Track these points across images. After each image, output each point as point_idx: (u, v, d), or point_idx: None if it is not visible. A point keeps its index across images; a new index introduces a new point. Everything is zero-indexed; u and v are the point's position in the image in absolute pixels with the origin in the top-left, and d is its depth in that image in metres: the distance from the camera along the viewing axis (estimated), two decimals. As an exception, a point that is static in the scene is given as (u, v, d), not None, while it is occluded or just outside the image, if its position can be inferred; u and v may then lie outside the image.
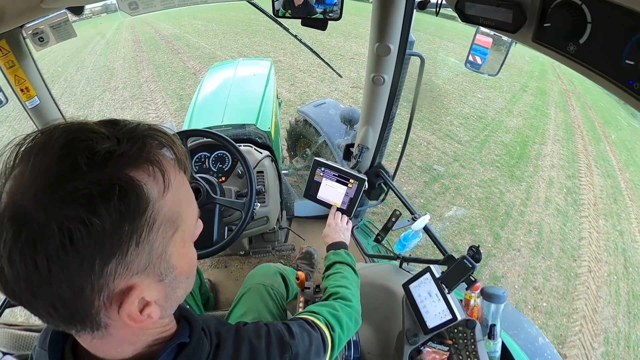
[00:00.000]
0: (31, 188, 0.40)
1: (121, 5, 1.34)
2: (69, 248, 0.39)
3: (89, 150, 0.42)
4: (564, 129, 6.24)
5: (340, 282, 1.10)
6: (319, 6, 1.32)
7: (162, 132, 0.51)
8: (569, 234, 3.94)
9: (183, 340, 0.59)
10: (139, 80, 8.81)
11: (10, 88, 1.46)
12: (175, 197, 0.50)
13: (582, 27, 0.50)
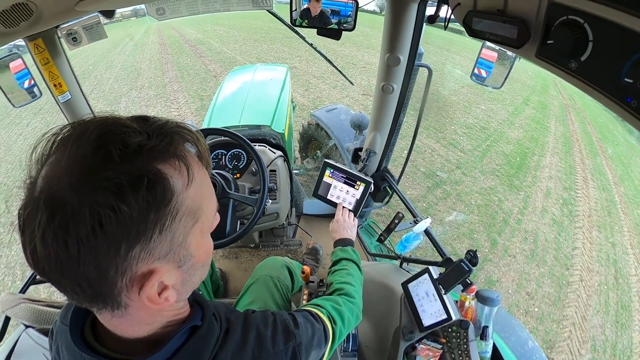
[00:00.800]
0: (66, 175, 0.41)
1: (149, 11, 1.36)
2: (98, 232, 0.40)
3: (122, 143, 0.42)
4: (562, 142, 6.16)
5: (346, 279, 1.09)
6: (334, 17, 1.33)
7: (188, 130, 0.52)
8: (563, 244, 3.90)
9: (195, 323, 0.59)
10: (163, 80, 8.91)
11: (44, 83, 1.48)
12: (197, 191, 0.50)
13: (583, 45, 0.49)
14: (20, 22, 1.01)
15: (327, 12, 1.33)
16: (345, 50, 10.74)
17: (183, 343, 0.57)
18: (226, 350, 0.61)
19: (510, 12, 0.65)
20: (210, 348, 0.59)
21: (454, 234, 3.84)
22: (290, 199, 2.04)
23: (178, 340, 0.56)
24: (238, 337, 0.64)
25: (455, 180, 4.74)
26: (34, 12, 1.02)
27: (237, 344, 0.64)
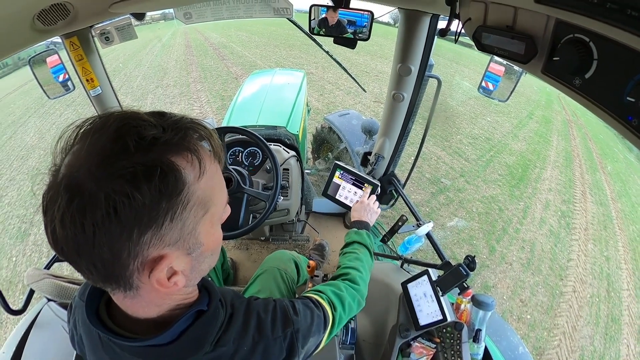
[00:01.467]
0: (86, 163, 0.43)
1: (177, 15, 1.38)
2: (112, 217, 0.41)
3: (138, 135, 0.44)
4: (564, 157, 6.03)
5: (354, 264, 1.05)
6: (350, 27, 1.33)
7: (202, 126, 0.52)
8: (559, 255, 3.82)
9: (202, 308, 0.60)
10: (187, 80, 9.00)
11: (77, 78, 1.51)
12: (208, 183, 0.51)
13: (588, 63, 0.49)
14: (57, 20, 1.04)
15: (343, 22, 1.34)
16: (360, 59, 10.70)
17: (189, 326, 0.57)
18: (229, 335, 0.62)
19: (518, 28, 0.65)
20: (214, 332, 0.60)
21: (454, 239, 3.80)
22: (300, 196, 2.05)
23: (184, 323, 0.56)
24: (240, 323, 0.65)
25: (459, 187, 4.69)
26: (70, 12, 1.04)
27: (239, 329, 0.64)
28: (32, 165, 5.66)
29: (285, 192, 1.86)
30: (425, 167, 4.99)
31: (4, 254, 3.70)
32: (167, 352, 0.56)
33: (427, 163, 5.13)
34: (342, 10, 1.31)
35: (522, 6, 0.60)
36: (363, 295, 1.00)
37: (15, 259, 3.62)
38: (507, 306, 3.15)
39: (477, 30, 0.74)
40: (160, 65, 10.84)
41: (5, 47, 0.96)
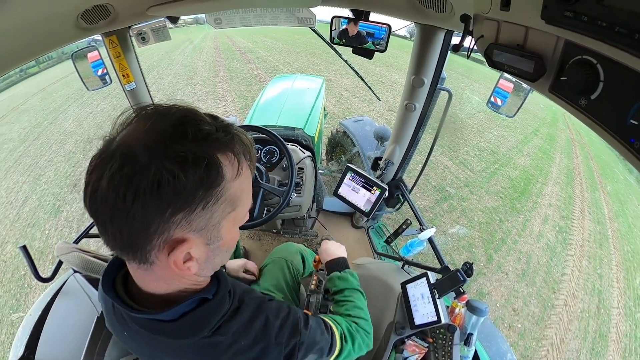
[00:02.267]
0: (144, 138, 0.45)
1: (208, 20, 1.40)
2: (155, 190, 0.43)
3: (197, 127, 0.47)
4: (565, 174, 5.87)
5: (356, 313, 0.96)
6: (368, 38, 1.33)
7: (246, 137, 0.55)
8: (554, 268, 3.73)
9: (206, 296, 0.60)
10: (215, 80, 9.12)
11: (114, 73, 1.55)
12: (241, 185, 0.53)
13: (594, 85, 0.47)
14: (99, 20, 1.07)
15: (362, 33, 1.34)
16: (376, 69, 10.65)
17: (191, 310, 0.58)
18: (230, 326, 0.62)
19: (529, 47, 0.63)
20: (214, 320, 0.60)
21: (454, 245, 3.76)
22: (312, 194, 2.05)
23: (186, 306, 0.57)
24: (245, 318, 0.64)
25: (462, 196, 4.63)
26: (111, 13, 1.07)
27: (243, 324, 0.63)
28: (68, 149, 5.83)
29: (298, 190, 1.86)
30: (432, 175, 4.94)
31: (39, 227, 3.84)
32: (167, 329, 0.57)
33: (434, 171, 5.07)
34: (361, 22, 1.31)
35: (533, 26, 0.58)
36: (372, 339, 0.94)
37: (47, 232, 3.76)
38: (500, 314, 3.11)
39: (489, 48, 0.73)
40: (191, 65, 11.00)
41: (52, 42, 0.99)
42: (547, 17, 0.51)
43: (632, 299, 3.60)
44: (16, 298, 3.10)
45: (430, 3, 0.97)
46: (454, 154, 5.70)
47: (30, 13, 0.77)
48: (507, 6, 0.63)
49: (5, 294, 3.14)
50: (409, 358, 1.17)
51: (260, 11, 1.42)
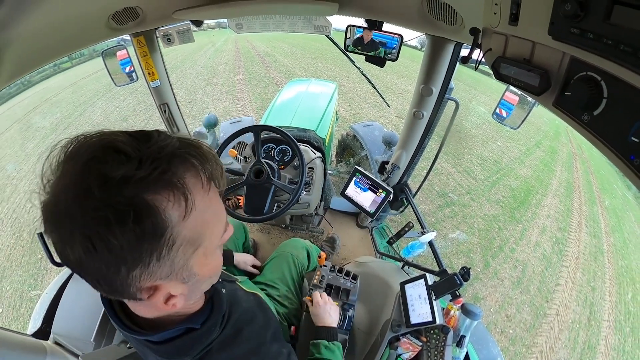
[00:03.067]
0: (62, 195, 0.38)
1: (230, 24, 1.41)
2: (93, 253, 0.37)
3: (101, 177, 0.36)
4: (565, 187, 5.72)
5: None
6: (381, 47, 1.32)
7: (194, 148, 0.43)
8: (548, 278, 3.66)
9: (193, 326, 0.56)
10: (234, 81, 9.15)
11: (141, 70, 1.57)
12: (198, 219, 0.43)
13: (598, 101, 0.46)
14: (128, 21, 1.09)
15: (375, 42, 1.33)
16: (387, 77, 10.54)
17: (177, 336, 0.55)
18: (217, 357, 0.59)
19: (535, 62, 0.62)
20: (198, 348, 0.57)
21: (453, 249, 3.72)
22: (321, 193, 2.05)
23: (171, 333, 0.54)
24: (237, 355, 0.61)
25: (464, 203, 4.57)
26: (140, 15, 1.09)
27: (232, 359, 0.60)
28: None
29: (308, 188, 1.87)
30: (435, 181, 4.89)
31: None
32: (155, 349, 0.55)
33: (438, 177, 5.02)
34: (374, 32, 1.30)
35: (540, 41, 0.57)
36: None
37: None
38: (493, 319, 3.07)
39: (497, 61, 0.71)
40: (212, 66, 11.08)
41: (84, 40, 1.01)
42: (554, 33, 0.50)
43: (622, 313, 3.52)
44: (34, 278, 3.24)
45: (442, 16, 0.96)
46: (457, 161, 5.63)
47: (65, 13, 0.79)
48: (516, 21, 0.62)
49: (24, 274, 3.29)
50: (403, 355, 1.16)
51: (279, 18, 1.43)
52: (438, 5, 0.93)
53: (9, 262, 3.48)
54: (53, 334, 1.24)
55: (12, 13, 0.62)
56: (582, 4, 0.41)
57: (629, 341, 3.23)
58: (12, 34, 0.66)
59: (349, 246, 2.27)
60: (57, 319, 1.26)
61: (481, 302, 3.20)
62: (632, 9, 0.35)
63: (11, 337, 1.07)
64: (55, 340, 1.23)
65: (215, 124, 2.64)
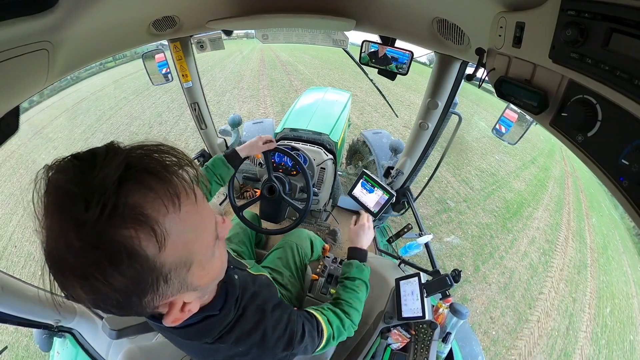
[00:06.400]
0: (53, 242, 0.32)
1: (257, 35, 1.42)
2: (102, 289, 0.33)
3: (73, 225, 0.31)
4: (556, 202, 5.54)
5: (355, 304, 0.91)
6: (393, 62, 1.30)
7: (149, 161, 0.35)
8: (533, 286, 3.57)
9: (212, 313, 0.55)
10: (258, 86, 9.22)
11: (175, 72, 1.60)
12: (178, 244, 0.37)
13: (592, 123, 0.44)
14: (167, 28, 1.11)
15: (388, 57, 1.31)
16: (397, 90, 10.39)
17: (197, 322, 0.55)
18: (231, 335, 0.59)
19: (535, 83, 0.60)
20: (218, 330, 0.58)
21: (447, 252, 3.67)
22: (330, 192, 2.05)
23: (192, 320, 0.53)
24: (246, 329, 0.61)
25: (460, 210, 4.49)
26: (177, 23, 1.11)
27: (243, 333, 0.61)
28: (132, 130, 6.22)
29: (319, 186, 1.86)
30: (435, 188, 4.82)
31: None
32: (176, 332, 0.55)
33: (438, 185, 4.94)
34: (387, 47, 1.28)
35: (541, 64, 0.55)
36: (356, 325, 0.89)
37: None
38: (478, 319, 3.02)
39: (499, 80, 0.70)
40: (239, 72, 11.19)
41: (127, 43, 1.04)
42: (554, 57, 0.48)
43: (600, 325, 3.40)
44: None
45: (450, 35, 0.95)
46: (457, 171, 5.53)
47: (112, 19, 0.81)
48: (519, 44, 0.60)
49: None
50: (392, 345, 1.15)
51: (301, 31, 1.43)
52: (447, 25, 0.91)
53: None
54: None
55: (65, 17, 0.64)
56: (582, 30, 0.40)
57: (604, 353, 3.13)
58: (65, 35, 0.69)
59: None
60: None
61: (469, 303, 3.14)
62: (629, 37, 0.34)
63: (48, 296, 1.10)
64: None
65: (239, 123, 2.66)
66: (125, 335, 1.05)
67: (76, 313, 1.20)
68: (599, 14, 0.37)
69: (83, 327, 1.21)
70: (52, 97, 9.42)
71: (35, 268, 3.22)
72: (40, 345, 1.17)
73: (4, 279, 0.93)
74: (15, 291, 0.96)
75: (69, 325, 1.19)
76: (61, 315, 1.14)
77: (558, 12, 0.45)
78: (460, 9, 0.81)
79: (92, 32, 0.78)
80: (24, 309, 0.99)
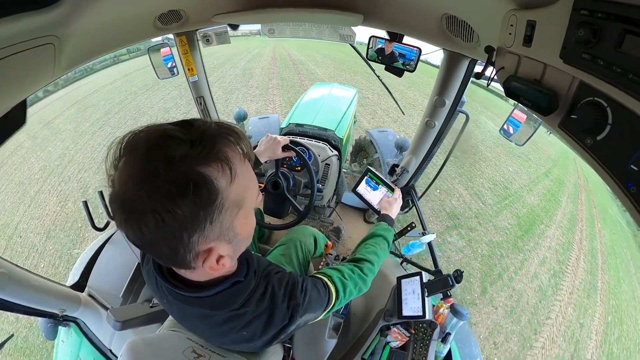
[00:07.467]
0: (130, 182, 0.42)
1: (263, 29, 1.41)
2: (162, 226, 0.42)
3: (166, 157, 0.41)
4: (568, 219, 5.26)
5: (371, 258, 0.95)
6: (400, 58, 1.28)
7: (231, 131, 0.49)
8: (540, 311, 3.39)
9: (239, 279, 0.62)
10: (268, 85, 9.09)
11: (181, 66, 1.60)
12: (240, 185, 0.48)
13: (602, 126, 0.42)
14: (172, 22, 1.11)
15: (395, 53, 1.29)
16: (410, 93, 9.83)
17: (226, 288, 0.61)
18: (253, 299, 0.64)
19: (545, 83, 0.58)
20: (244, 296, 0.63)
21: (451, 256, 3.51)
22: (334, 188, 2.04)
23: (223, 286, 0.60)
24: (261, 290, 0.66)
25: (471, 227, 4.27)
26: (182, 17, 1.11)
27: (259, 295, 0.66)
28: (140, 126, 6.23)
29: (323, 182, 1.86)
30: (447, 202, 4.57)
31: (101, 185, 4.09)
32: (204, 302, 0.60)
33: (450, 198, 4.67)
34: (395, 43, 1.26)
35: (552, 64, 0.54)
36: (368, 285, 0.91)
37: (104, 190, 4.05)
38: (481, 345, 2.86)
39: (508, 79, 0.68)
40: (250, 70, 11.02)
41: (133, 37, 1.04)
42: (565, 57, 0.47)
43: (605, 353, 3.24)
44: (72, 243, 3.45)
45: (459, 32, 0.92)
46: (470, 183, 5.25)
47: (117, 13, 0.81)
48: (529, 43, 0.59)
49: (65, 238, 3.52)
50: (391, 343, 1.16)
51: (307, 26, 1.42)
52: (457, 22, 0.89)
53: (54, 225, 3.72)
54: (88, 288, 1.31)
55: (71, 11, 0.64)
56: (595, 30, 0.38)
57: (607, 382, 2.97)
58: (71, 29, 0.69)
59: (354, 238, 2.26)
60: (93, 275, 1.33)
61: (473, 327, 3.01)
62: (643, 39, 0.32)
63: (53, 286, 1.14)
64: (89, 292, 1.30)
65: (245, 117, 2.67)
66: (129, 327, 1.07)
67: (81, 303, 1.23)
68: (613, 15, 0.36)
69: (87, 316, 1.24)
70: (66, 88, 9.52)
71: (38, 260, 3.29)
72: (45, 333, 1.20)
73: (12, 269, 0.95)
74: (23, 281, 0.99)
75: (73, 314, 1.22)
76: (66, 304, 1.17)
77: (570, 12, 0.43)
78: (470, 6, 0.79)
79: (98, 26, 0.78)
80: (30, 298, 1.02)
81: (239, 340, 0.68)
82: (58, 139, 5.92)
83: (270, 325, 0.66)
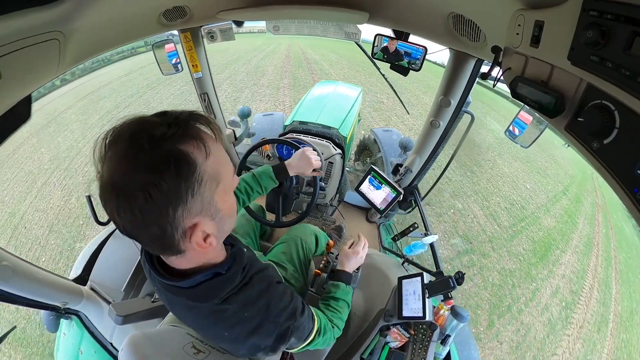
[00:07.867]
0: (119, 167, 0.45)
1: (268, 26, 1.40)
2: (150, 202, 0.45)
3: (148, 136, 0.45)
4: (585, 243, 4.92)
5: (337, 323, 0.95)
6: (405, 57, 1.27)
7: (200, 116, 0.53)
8: (547, 346, 3.16)
9: (220, 271, 0.62)
10: (279, 84, 8.91)
11: (186, 63, 1.60)
12: (215, 160, 0.52)
13: (609, 130, 0.41)
14: (177, 19, 1.11)
15: (400, 52, 1.28)
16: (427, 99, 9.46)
17: (207, 280, 0.61)
18: (237, 298, 0.64)
19: (552, 84, 0.57)
20: (225, 291, 0.62)
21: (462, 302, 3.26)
22: (337, 187, 2.03)
23: (203, 276, 0.60)
24: (253, 295, 0.66)
25: (484, 252, 4.01)
26: (187, 13, 1.11)
27: (249, 299, 0.65)
28: None
29: (326, 180, 1.85)
30: (460, 223, 4.32)
31: None
32: (185, 293, 0.61)
33: (464, 220, 4.40)
34: (400, 42, 1.25)
35: (559, 65, 0.53)
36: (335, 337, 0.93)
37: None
38: None
39: (515, 80, 0.67)
40: (262, 68, 10.85)
41: (138, 33, 1.04)
42: (573, 59, 0.46)
43: None
44: (73, 239, 3.49)
45: (466, 32, 0.91)
46: (486, 203, 4.94)
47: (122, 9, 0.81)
48: (537, 43, 0.57)
49: (67, 233, 3.56)
50: (390, 343, 1.15)
51: (313, 23, 1.40)
52: (463, 21, 0.88)
53: (57, 219, 3.76)
54: (90, 281, 1.33)
55: (75, 8, 0.64)
56: (604, 32, 0.37)
57: None
58: (76, 25, 0.69)
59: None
60: (95, 269, 1.35)
61: None
62: (654, 41, 0.31)
63: (56, 279, 1.15)
64: (91, 286, 1.32)
65: (248, 114, 2.66)
66: (130, 322, 1.08)
67: (83, 296, 1.24)
68: (622, 16, 0.35)
69: (89, 310, 1.25)
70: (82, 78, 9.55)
71: (40, 253, 3.33)
72: (47, 326, 1.22)
73: (16, 262, 0.96)
74: (26, 274, 1.00)
75: (75, 308, 1.23)
76: (68, 297, 1.18)
77: (579, 12, 0.42)
78: (477, 5, 0.78)
79: (103, 22, 0.79)
80: (33, 290, 1.03)
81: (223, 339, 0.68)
82: (68, 130, 5.97)
83: (254, 334, 0.65)
